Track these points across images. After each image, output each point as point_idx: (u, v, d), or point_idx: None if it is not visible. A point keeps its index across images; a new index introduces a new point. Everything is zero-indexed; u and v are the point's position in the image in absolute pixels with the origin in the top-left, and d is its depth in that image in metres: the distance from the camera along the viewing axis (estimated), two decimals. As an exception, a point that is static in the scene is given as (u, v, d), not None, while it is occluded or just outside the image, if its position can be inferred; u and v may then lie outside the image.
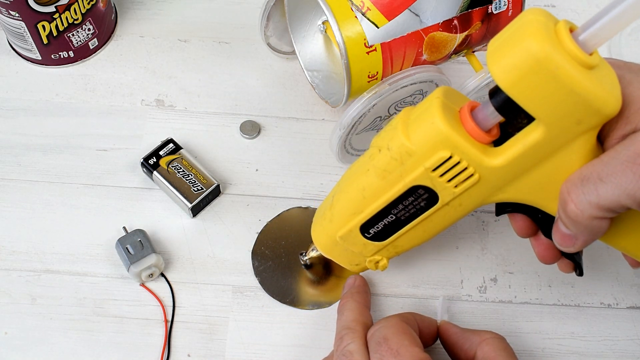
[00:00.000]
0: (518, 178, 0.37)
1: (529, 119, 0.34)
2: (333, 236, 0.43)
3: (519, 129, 0.35)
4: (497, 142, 0.36)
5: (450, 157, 0.36)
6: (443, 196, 0.38)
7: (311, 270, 0.51)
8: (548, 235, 0.40)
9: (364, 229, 0.42)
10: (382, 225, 0.41)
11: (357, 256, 0.44)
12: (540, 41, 0.31)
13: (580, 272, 0.42)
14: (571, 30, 0.32)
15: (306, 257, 0.50)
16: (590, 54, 0.32)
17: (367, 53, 0.47)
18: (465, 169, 0.36)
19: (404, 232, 0.41)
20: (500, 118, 0.35)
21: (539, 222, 0.40)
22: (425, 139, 0.36)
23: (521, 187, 0.37)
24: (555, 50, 0.31)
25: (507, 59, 0.32)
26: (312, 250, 0.49)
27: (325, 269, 0.51)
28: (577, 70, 0.31)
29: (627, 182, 0.32)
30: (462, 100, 0.38)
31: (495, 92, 0.34)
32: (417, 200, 0.39)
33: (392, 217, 0.40)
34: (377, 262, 0.44)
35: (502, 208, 0.40)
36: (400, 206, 0.39)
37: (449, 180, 0.37)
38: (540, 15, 0.32)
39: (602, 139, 0.35)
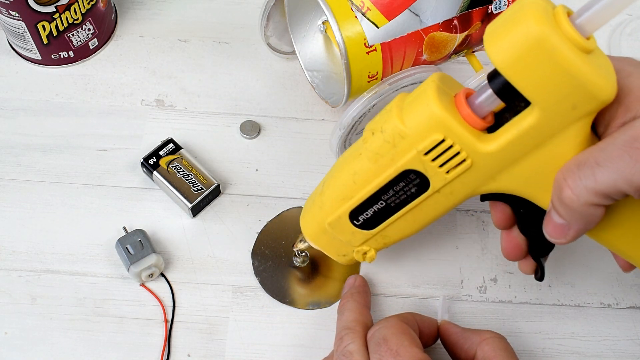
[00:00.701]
0: (511, 166, 0.36)
1: (527, 102, 0.34)
2: (322, 223, 0.43)
3: (517, 112, 0.35)
4: (491, 130, 0.36)
5: (443, 141, 0.36)
6: (434, 182, 0.38)
7: (309, 270, 0.51)
8: (524, 232, 0.40)
9: (353, 215, 0.41)
10: (371, 212, 0.41)
11: (345, 246, 0.44)
12: (539, 22, 0.31)
13: (540, 277, 0.42)
14: (568, 15, 0.32)
15: (295, 249, 0.49)
16: (587, 39, 0.32)
17: (367, 53, 0.47)
18: (458, 153, 0.36)
19: (393, 220, 0.41)
20: (496, 104, 0.35)
21: (520, 216, 0.40)
22: (419, 121, 0.36)
23: (513, 176, 0.37)
24: (553, 31, 0.31)
25: (504, 40, 0.32)
26: (300, 241, 0.48)
27: (323, 269, 0.51)
28: (574, 53, 0.31)
29: (625, 166, 0.32)
30: (458, 87, 0.38)
31: (494, 76, 0.34)
32: (407, 186, 0.39)
33: (382, 204, 0.40)
34: (365, 253, 0.44)
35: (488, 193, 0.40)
36: (391, 192, 0.39)
37: (441, 165, 0.37)
38: None
39: (603, 129, 0.35)
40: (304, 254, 0.51)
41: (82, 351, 0.47)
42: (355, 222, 0.42)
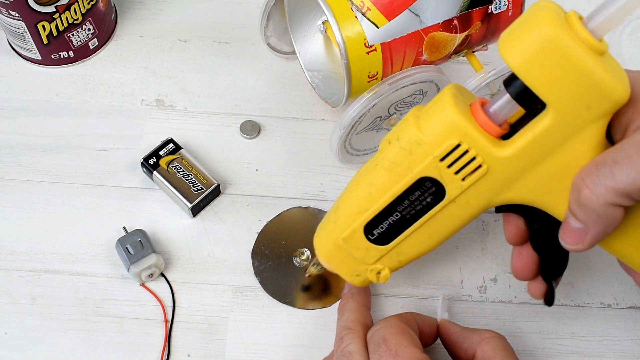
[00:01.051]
0: (526, 173, 0.36)
1: (543, 105, 0.34)
2: (336, 239, 0.42)
3: (533, 116, 0.35)
4: (506, 138, 0.37)
5: (459, 145, 0.36)
6: (450, 190, 0.38)
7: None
8: (536, 248, 0.40)
9: (368, 229, 0.41)
10: (386, 225, 0.40)
11: (359, 264, 0.43)
12: (553, 24, 0.32)
13: (550, 300, 0.42)
14: (580, 19, 0.33)
15: (307, 274, 0.49)
16: (599, 41, 0.32)
17: (367, 53, 0.47)
18: (474, 159, 0.36)
19: (407, 234, 0.40)
20: (512, 111, 0.36)
21: (533, 231, 0.40)
22: (435, 127, 0.37)
23: (529, 184, 0.37)
24: (566, 32, 0.32)
25: (519, 43, 0.33)
26: (314, 264, 0.48)
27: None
28: (587, 53, 0.32)
29: None
30: (472, 98, 0.39)
31: (511, 80, 0.35)
32: (423, 195, 0.39)
33: (397, 215, 0.40)
34: (379, 272, 0.43)
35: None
36: (407, 202, 0.39)
37: (457, 172, 0.37)
38: (551, 4, 0.33)
39: (620, 135, 0.35)
40: (305, 255, 0.51)
41: (82, 351, 0.47)
42: (370, 236, 0.41)
